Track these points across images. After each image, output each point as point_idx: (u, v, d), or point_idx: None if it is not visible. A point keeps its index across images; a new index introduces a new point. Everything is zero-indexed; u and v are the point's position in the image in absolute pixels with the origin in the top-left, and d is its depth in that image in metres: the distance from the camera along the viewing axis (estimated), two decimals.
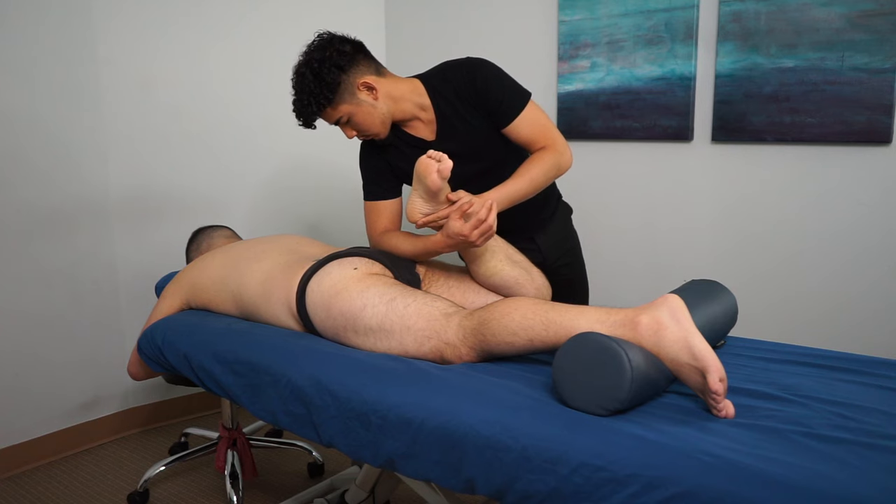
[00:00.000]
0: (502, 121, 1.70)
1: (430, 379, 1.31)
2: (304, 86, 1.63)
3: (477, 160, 1.75)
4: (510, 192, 1.61)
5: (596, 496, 1.02)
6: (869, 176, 2.09)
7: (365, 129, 1.70)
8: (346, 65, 1.63)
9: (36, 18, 2.32)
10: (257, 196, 2.90)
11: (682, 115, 2.37)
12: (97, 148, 2.50)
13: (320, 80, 1.61)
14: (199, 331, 1.69)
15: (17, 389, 2.39)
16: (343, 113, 1.66)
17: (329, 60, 1.61)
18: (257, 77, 2.84)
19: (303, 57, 1.65)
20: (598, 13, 2.50)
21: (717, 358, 1.14)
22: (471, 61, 1.71)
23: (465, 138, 1.73)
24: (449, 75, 1.73)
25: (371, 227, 1.80)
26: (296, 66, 1.65)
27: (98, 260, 2.55)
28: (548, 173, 1.66)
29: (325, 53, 1.62)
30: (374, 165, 1.81)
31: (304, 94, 1.63)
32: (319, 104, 1.63)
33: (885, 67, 2.00)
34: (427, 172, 1.47)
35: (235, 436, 2.11)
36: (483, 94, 1.68)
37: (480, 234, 1.48)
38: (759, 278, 2.31)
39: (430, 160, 1.47)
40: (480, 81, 1.68)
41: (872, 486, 0.93)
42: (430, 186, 1.48)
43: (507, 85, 1.70)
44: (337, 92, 1.63)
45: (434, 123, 1.74)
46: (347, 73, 1.64)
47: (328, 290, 1.54)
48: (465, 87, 1.69)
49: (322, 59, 1.61)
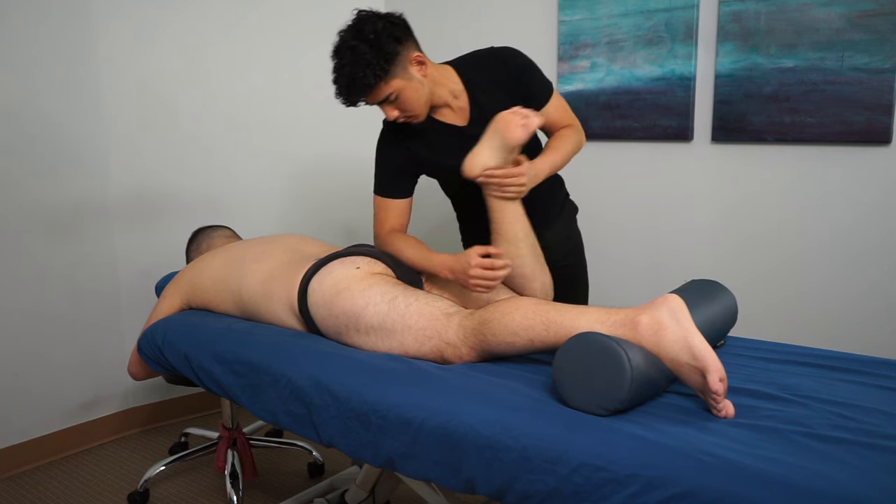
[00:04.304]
0: (534, 106, 1.73)
1: (430, 379, 1.31)
2: (359, 57, 1.52)
3: None
4: (552, 161, 1.69)
5: (596, 496, 1.02)
6: (869, 176, 2.09)
7: (410, 107, 1.63)
8: (402, 36, 1.58)
9: (36, 18, 2.32)
10: (257, 196, 2.90)
11: (682, 115, 2.37)
12: (97, 148, 2.50)
13: (378, 51, 1.52)
14: (199, 331, 1.69)
15: (17, 389, 2.39)
16: (394, 89, 1.58)
17: (386, 31, 1.54)
18: (257, 77, 2.84)
19: (349, 31, 1.56)
20: (598, 13, 2.50)
21: (717, 358, 1.14)
22: (504, 50, 1.75)
23: None
24: (480, 63, 1.74)
25: (379, 223, 1.78)
26: (342, 40, 1.56)
27: (98, 260, 2.55)
28: (574, 149, 1.76)
29: (379, 25, 1.55)
30: (394, 161, 1.77)
31: (358, 66, 1.53)
32: (377, 75, 1.54)
33: (885, 67, 2.00)
34: (513, 126, 1.48)
35: (235, 436, 2.11)
36: (518, 81, 1.73)
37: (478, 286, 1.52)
38: (759, 278, 2.31)
39: (515, 115, 1.49)
40: (515, 69, 1.73)
41: (872, 486, 0.93)
42: (511, 141, 1.50)
43: (538, 72, 1.77)
44: (393, 63, 1.55)
45: (465, 110, 1.73)
46: (403, 44, 1.58)
47: (330, 289, 1.54)
48: (499, 73, 1.72)
49: (377, 30, 1.54)
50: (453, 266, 1.57)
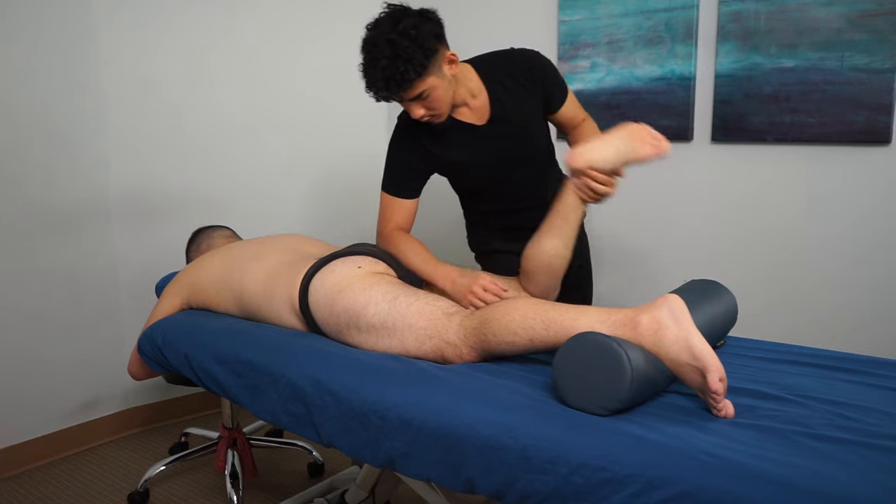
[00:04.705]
0: (554, 105, 1.79)
1: (430, 379, 1.31)
2: (399, 51, 1.48)
3: (522, 146, 1.78)
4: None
5: (596, 496, 1.02)
6: (869, 176, 2.09)
7: (437, 106, 1.60)
8: (441, 34, 1.56)
9: (36, 19, 2.32)
10: (257, 197, 2.90)
11: (682, 115, 2.37)
12: (98, 148, 2.50)
13: (419, 47, 1.49)
14: (199, 331, 1.69)
15: (17, 389, 2.39)
16: (428, 86, 1.55)
17: (426, 27, 1.52)
18: (257, 77, 2.84)
19: (385, 24, 1.51)
20: (598, 13, 2.50)
21: (717, 358, 1.15)
22: (526, 51, 1.77)
23: (517, 123, 1.75)
24: (502, 63, 1.74)
25: (384, 220, 1.77)
26: (378, 33, 1.51)
27: (98, 260, 2.55)
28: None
29: (418, 20, 1.52)
30: (406, 161, 1.75)
31: (398, 60, 1.49)
32: (416, 71, 1.50)
33: (885, 67, 1.99)
34: (646, 144, 1.48)
35: (235, 436, 2.11)
36: (541, 81, 1.75)
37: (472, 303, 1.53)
38: (759, 278, 2.31)
39: (652, 134, 1.47)
40: (538, 69, 1.75)
41: (872, 486, 0.93)
42: (638, 155, 1.49)
43: (558, 73, 1.80)
44: (432, 60, 1.53)
45: (484, 109, 1.72)
46: (442, 42, 1.56)
47: (332, 287, 1.55)
48: (522, 73, 1.73)
49: (416, 25, 1.51)
50: (456, 278, 1.58)
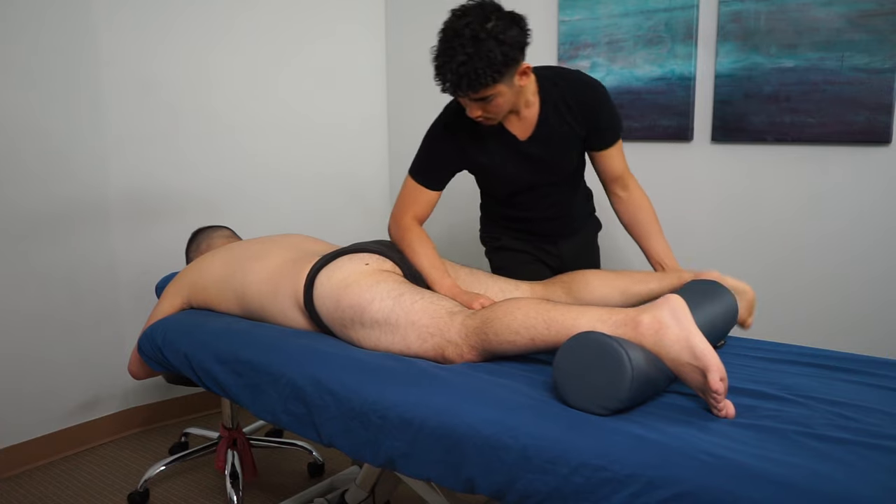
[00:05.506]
0: (598, 144, 1.74)
1: (430, 378, 1.31)
2: (483, 52, 1.46)
3: (554, 171, 1.77)
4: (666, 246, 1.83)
5: (596, 496, 1.02)
6: (869, 176, 2.09)
7: (496, 112, 1.59)
8: (525, 44, 1.53)
9: (36, 19, 2.32)
10: (256, 197, 2.90)
11: (682, 115, 2.37)
12: (98, 148, 2.50)
13: (502, 53, 1.47)
14: (199, 331, 1.69)
15: (17, 389, 2.39)
16: (497, 92, 1.54)
17: (513, 33, 1.49)
18: (257, 78, 2.84)
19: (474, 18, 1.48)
20: (598, 13, 2.50)
21: (717, 357, 1.14)
22: (589, 78, 1.73)
23: (555, 146, 1.73)
24: (561, 82, 1.70)
25: (403, 206, 1.76)
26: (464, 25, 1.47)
27: (98, 260, 2.55)
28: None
29: (508, 23, 1.49)
30: (443, 152, 1.74)
31: (479, 60, 1.46)
32: (493, 77, 1.49)
33: (885, 67, 2.00)
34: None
35: (235, 435, 2.11)
36: (593, 113, 1.70)
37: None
38: (759, 278, 2.31)
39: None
40: (594, 101, 1.70)
41: (872, 486, 0.93)
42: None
43: (615, 113, 1.74)
44: (510, 68, 1.51)
45: (531, 123, 1.70)
46: (524, 54, 1.54)
47: (339, 283, 1.55)
48: (576, 98, 1.69)
49: (506, 28, 1.48)
50: (458, 293, 1.59)
